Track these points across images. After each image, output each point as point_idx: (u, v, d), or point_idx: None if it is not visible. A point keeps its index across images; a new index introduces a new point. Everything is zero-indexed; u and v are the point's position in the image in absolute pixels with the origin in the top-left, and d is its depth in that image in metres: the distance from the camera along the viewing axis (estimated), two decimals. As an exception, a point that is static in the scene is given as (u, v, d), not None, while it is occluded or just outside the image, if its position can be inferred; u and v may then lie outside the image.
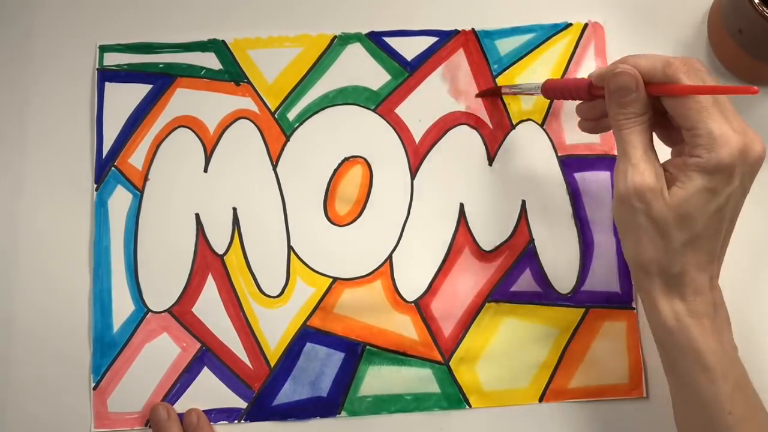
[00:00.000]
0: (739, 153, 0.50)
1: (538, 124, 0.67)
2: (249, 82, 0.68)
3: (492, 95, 0.68)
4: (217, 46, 0.68)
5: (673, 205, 0.51)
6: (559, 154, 0.67)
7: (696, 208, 0.50)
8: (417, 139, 0.67)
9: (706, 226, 0.51)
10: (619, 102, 0.53)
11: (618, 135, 0.53)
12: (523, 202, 0.66)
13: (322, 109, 0.68)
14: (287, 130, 0.67)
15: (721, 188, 0.50)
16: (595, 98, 0.57)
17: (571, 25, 0.69)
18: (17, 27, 0.69)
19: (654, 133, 0.55)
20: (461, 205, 0.66)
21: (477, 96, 0.68)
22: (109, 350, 0.64)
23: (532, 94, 0.66)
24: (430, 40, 0.69)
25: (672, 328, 0.53)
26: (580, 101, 0.60)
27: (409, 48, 0.69)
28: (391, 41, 0.69)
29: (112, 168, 0.67)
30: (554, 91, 0.61)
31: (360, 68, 0.68)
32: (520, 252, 0.66)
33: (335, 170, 0.67)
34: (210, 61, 0.68)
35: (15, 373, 0.64)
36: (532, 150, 0.67)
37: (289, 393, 0.64)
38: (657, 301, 0.53)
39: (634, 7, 0.69)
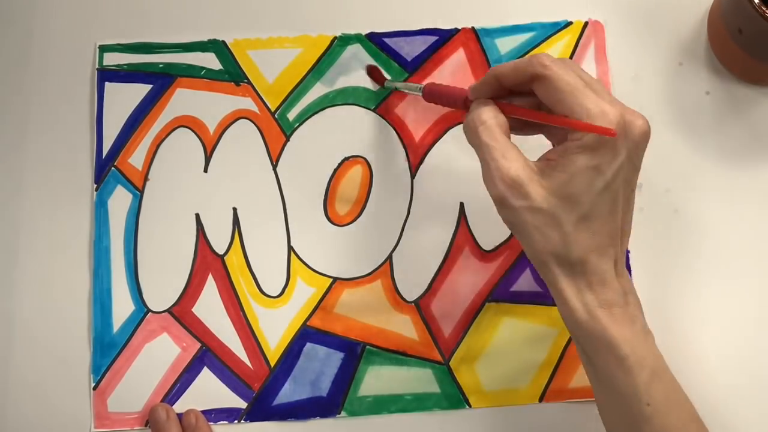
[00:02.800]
0: (618, 127, 0.49)
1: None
2: (249, 83, 0.68)
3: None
4: (217, 47, 0.68)
5: (554, 188, 0.50)
6: (559, 154, 0.67)
7: (580, 187, 0.49)
8: (417, 138, 0.67)
9: (595, 205, 0.50)
10: (470, 138, 0.54)
11: (479, 144, 0.53)
12: (524, 201, 0.66)
13: (322, 109, 0.68)
14: (287, 130, 0.67)
15: (605, 164, 0.49)
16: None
17: (571, 23, 0.69)
18: (17, 27, 0.69)
19: (543, 135, 0.56)
20: (461, 205, 0.66)
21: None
22: (109, 350, 0.64)
23: (413, 93, 0.64)
24: (430, 40, 0.69)
25: (583, 320, 0.51)
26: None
27: (409, 48, 0.68)
28: (390, 42, 0.69)
29: (112, 168, 0.67)
30: (434, 96, 0.60)
31: (360, 68, 0.68)
32: (520, 252, 0.66)
33: (335, 170, 0.67)
34: (210, 61, 0.68)
35: (15, 373, 0.64)
36: (532, 149, 0.67)
37: (289, 393, 0.64)
38: (565, 294, 0.51)
39: (634, 6, 0.69)
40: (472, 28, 0.69)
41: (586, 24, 0.69)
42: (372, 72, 0.68)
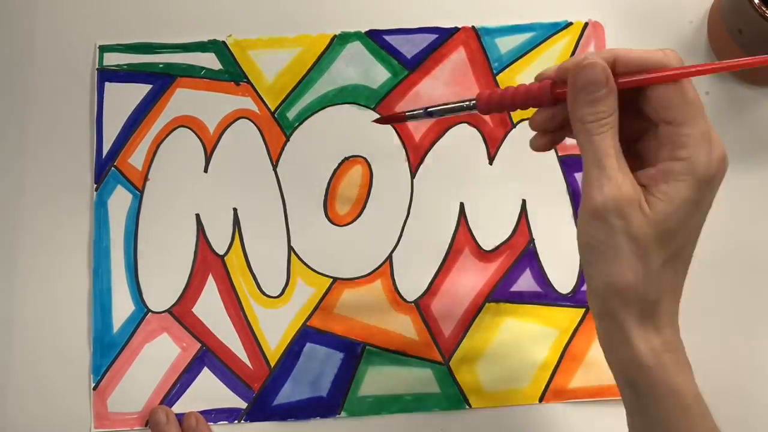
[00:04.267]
0: (725, 160, 0.44)
1: (538, 123, 0.67)
2: (249, 82, 0.68)
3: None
4: (217, 47, 0.68)
5: (655, 220, 0.44)
6: (559, 154, 0.67)
7: (679, 223, 0.44)
8: (417, 138, 0.67)
9: (684, 244, 0.45)
10: (587, 100, 0.45)
11: (586, 141, 0.45)
12: (524, 201, 0.66)
13: (322, 108, 0.68)
14: (287, 130, 0.67)
15: (704, 201, 0.44)
16: (559, 101, 0.47)
17: (571, 24, 0.69)
18: (17, 27, 0.69)
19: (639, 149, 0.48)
20: (461, 205, 0.66)
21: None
22: (109, 350, 0.64)
23: (460, 112, 0.51)
24: (430, 38, 0.69)
25: (649, 365, 0.45)
26: (536, 109, 0.49)
27: (409, 46, 0.68)
28: (390, 39, 0.69)
29: (112, 168, 0.67)
30: (495, 101, 0.49)
31: (360, 67, 0.68)
32: (520, 252, 0.66)
33: (335, 170, 0.67)
34: (210, 61, 0.68)
35: (15, 373, 0.64)
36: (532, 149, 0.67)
37: (289, 393, 0.64)
38: (631, 334, 0.45)
39: (634, 6, 0.69)
40: (473, 27, 0.69)
41: (586, 25, 0.68)
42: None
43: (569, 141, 0.66)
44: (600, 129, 0.45)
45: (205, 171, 0.67)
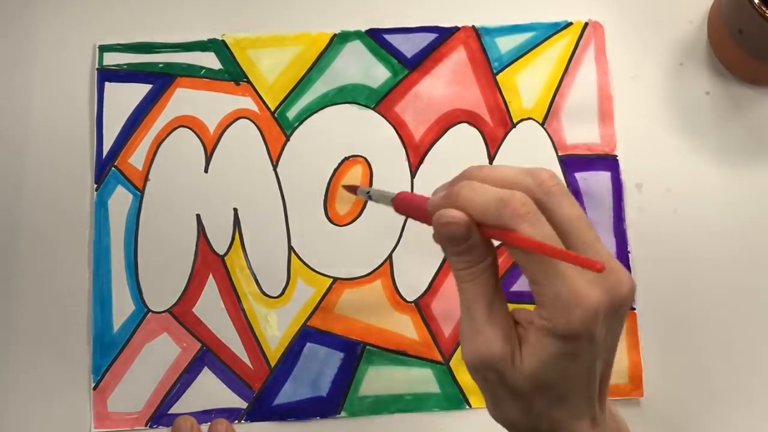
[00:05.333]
0: (595, 313, 0.40)
1: (538, 123, 0.67)
2: (249, 82, 0.68)
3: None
4: (217, 46, 0.68)
5: (528, 374, 0.41)
6: (559, 154, 0.67)
7: (555, 374, 0.41)
8: (417, 138, 0.67)
9: (572, 386, 0.42)
10: (453, 251, 0.42)
11: (458, 288, 0.43)
12: (524, 201, 0.66)
13: (322, 108, 0.68)
14: (287, 130, 0.67)
15: (582, 350, 0.41)
16: None
17: (571, 24, 0.69)
18: (17, 27, 0.69)
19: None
20: (461, 205, 0.66)
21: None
22: (109, 350, 0.64)
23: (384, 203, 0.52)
24: (430, 37, 0.69)
25: None
26: None
27: (409, 45, 0.68)
28: (390, 38, 0.69)
29: (112, 168, 0.67)
30: (404, 207, 0.49)
31: (360, 66, 0.68)
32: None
33: (335, 170, 0.67)
34: (210, 60, 0.68)
35: (15, 373, 0.64)
36: (532, 149, 0.67)
37: (289, 393, 0.64)
38: None
39: (634, 6, 0.69)
40: (473, 26, 0.69)
41: (586, 25, 0.68)
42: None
43: (569, 141, 0.67)
44: (469, 277, 0.42)
45: (205, 171, 0.67)
